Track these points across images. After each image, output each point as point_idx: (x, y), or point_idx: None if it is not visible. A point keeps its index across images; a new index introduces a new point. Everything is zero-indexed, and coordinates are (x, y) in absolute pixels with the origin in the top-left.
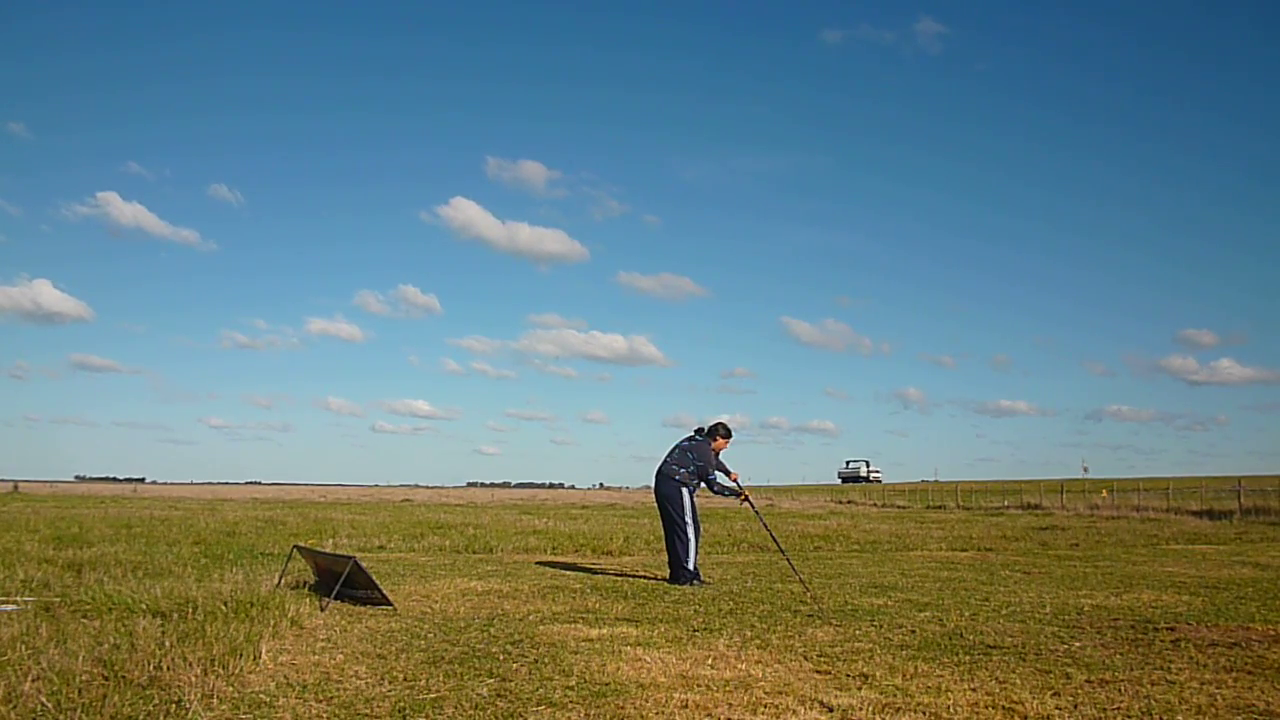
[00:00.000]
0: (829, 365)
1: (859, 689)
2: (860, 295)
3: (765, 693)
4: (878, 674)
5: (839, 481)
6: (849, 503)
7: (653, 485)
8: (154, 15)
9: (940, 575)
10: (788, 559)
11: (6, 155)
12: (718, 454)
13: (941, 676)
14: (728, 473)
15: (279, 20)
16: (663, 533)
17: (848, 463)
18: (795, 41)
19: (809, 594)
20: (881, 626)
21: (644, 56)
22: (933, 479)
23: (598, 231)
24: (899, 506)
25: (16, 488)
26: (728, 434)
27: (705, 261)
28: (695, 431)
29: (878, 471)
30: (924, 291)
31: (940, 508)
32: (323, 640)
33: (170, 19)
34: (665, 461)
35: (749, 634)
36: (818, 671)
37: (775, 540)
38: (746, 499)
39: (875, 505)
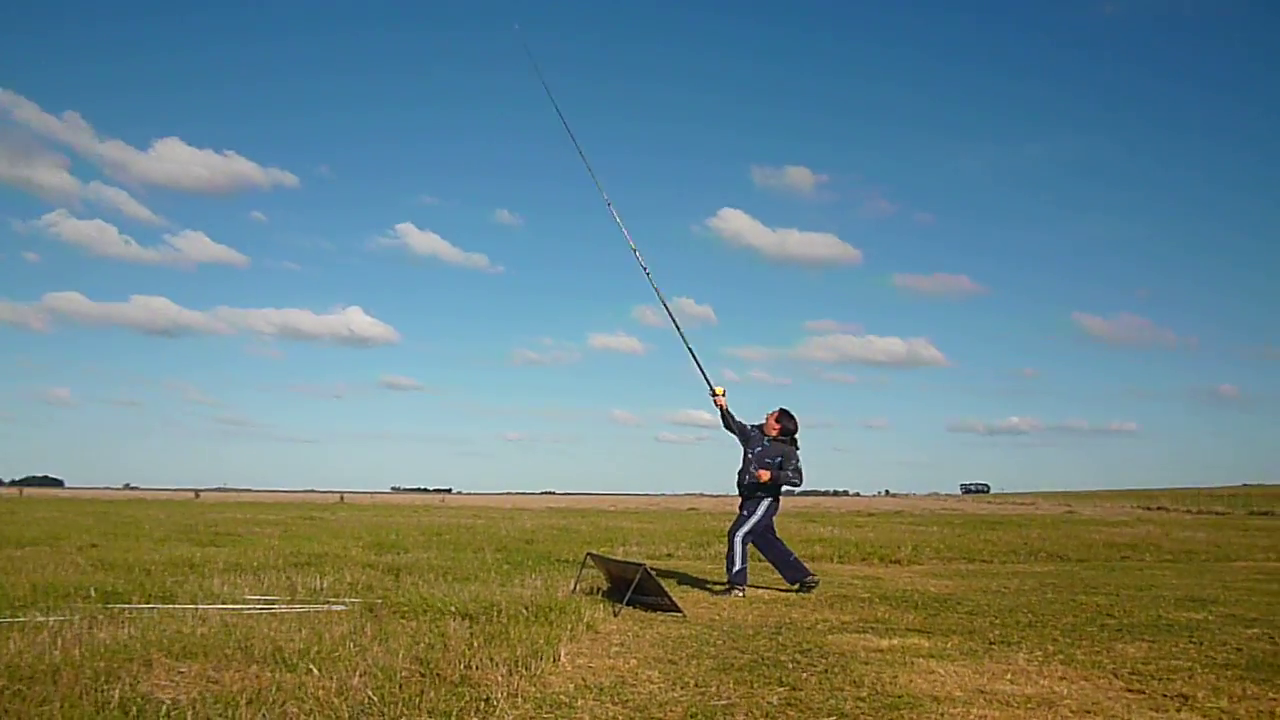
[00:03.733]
0: (1128, 362)
1: (1178, 710)
2: (1161, 286)
3: (1071, 711)
4: (1199, 695)
5: None
6: (1159, 509)
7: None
8: (444, 73)
9: (1269, 589)
10: None
11: (318, 195)
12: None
13: (1275, 700)
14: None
15: (563, 57)
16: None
17: None
18: (1074, 13)
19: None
20: (1201, 643)
21: (904, 45)
22: (1257, 483)
23: (868, 233)
24: (1216, 513)
25: (342, 498)
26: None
27: (983, 258)
28: (793, 443)
29: None
30: (1234, 279)
31: (1266, 514)
32: (616, 645)
33: (445, 66)
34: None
35: (1051, 648)
36: (1129, 690)
37: None
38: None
39: (1188, 512)
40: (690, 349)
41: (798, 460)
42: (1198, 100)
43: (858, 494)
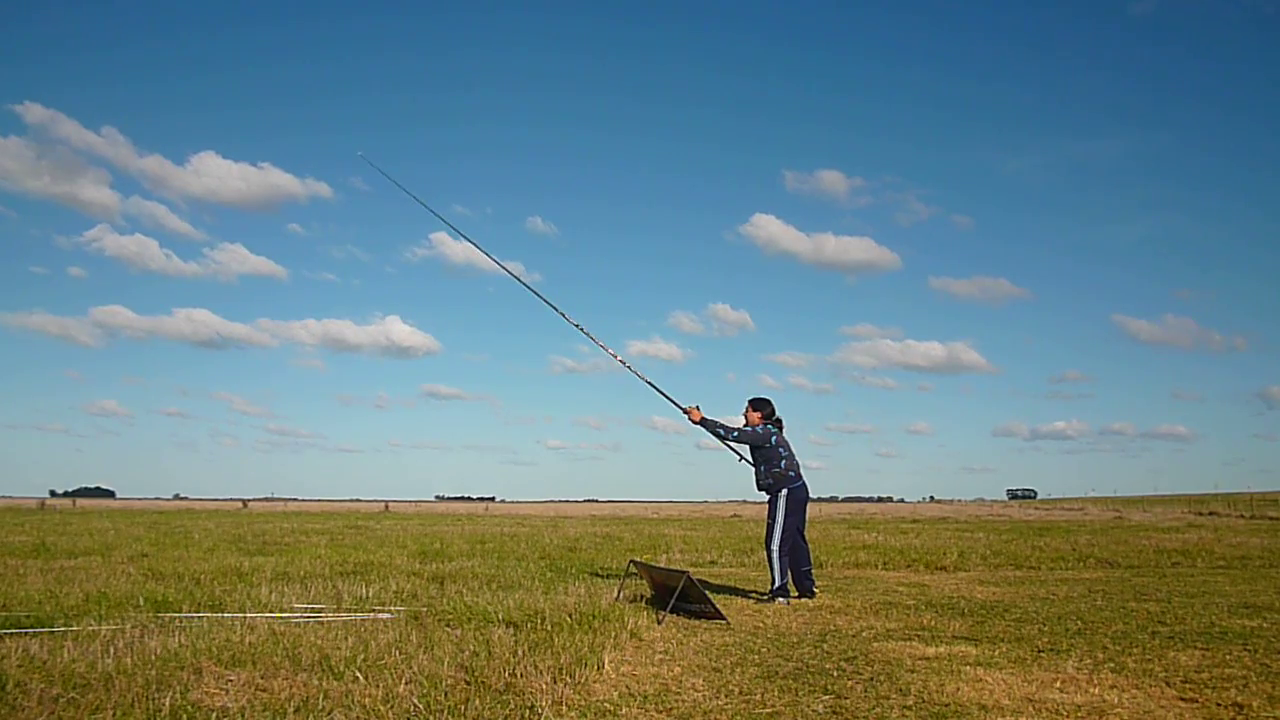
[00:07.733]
0: (1175, 365)
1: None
2: (1204, 287)
3: None
4: (1254, 704)
5: None
6: (1210, 514)
7: (805, 496)
8: (462, 77)
9: None
10: None
11: (353, 206)
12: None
13: None
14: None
15: (595, 69)
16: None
17: None
18: (1105, 12)
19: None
20: (1256, 651)
21: (935, 45)
22: None
23: (906, 237)
24: (1269, 518)
25: (387, 508)
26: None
27: (1023, 261)
28: (776, 423)
29: None
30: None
31: None
32: (660, 652)
33: (476, 76)
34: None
35: (1101, 656)
36: (1182, 699)
37: None
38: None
39: (1241, 517)
40: (650, 383)
41: (772, 438)
42: (1235, 96)
43: (902, 500)
